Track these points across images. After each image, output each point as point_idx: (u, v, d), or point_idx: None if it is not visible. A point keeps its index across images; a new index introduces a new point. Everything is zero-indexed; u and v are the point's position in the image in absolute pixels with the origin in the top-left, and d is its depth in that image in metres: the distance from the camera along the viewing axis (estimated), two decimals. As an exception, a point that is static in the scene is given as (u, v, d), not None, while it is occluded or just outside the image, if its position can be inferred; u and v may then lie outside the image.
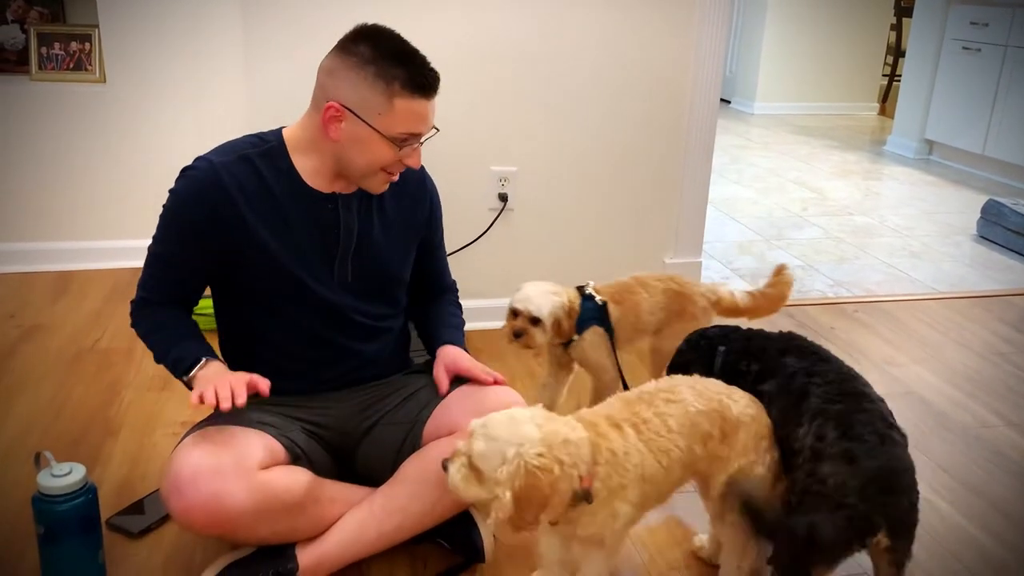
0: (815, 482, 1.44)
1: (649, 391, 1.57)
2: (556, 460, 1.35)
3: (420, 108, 1.57)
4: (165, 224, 1.63)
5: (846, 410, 1.52)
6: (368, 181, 1.64)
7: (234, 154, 1.61)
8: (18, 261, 3.20)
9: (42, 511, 1.54)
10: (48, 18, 3.31)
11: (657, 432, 1.50)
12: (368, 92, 1.54)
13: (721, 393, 1.59)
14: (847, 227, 4.24)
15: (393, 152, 1.59)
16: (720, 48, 2.75)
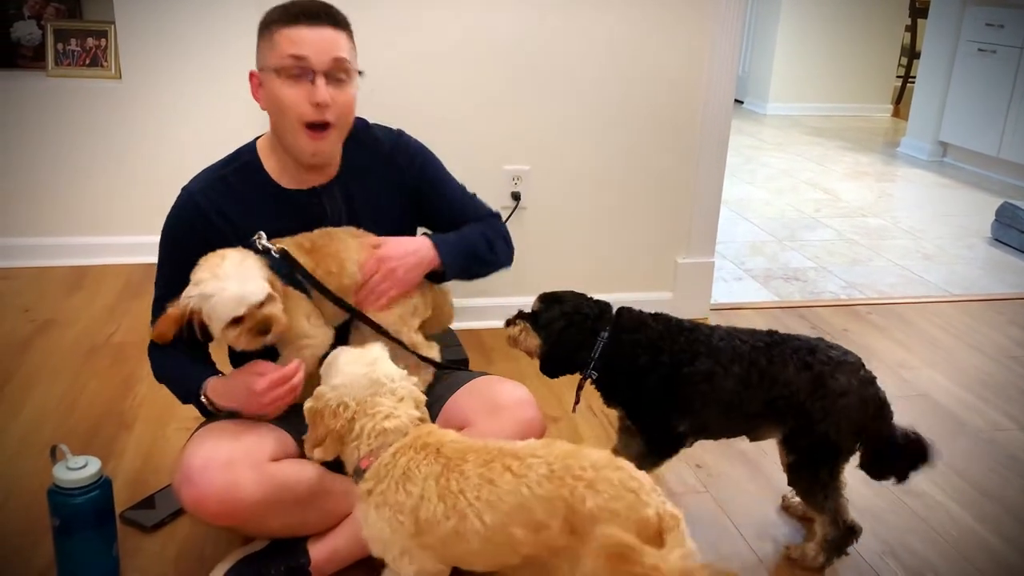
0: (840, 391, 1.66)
1: (503, 449, 1.37)
2: (340, 400, 1.39)
3: (296, 34, 1.56)
4: (161, 261, 1.69)
5: (801, 342, 1.71)
6: (295, 143, 1.62)
7: (210, 179, 1.68)
8: (33, 255, 3.22)
9: (58, 504, 1.55)
10: (65, 14, 3.34)
11: (463, 491, 1.33)
12: (262, 44, 1.62)
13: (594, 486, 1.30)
14: (860, 229, 4.22)
15: (292, 90, 1.57)
16: (734, 48, 2.74)
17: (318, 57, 1.57)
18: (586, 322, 1.74)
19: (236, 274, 1.48)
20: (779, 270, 3.60)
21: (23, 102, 3.15)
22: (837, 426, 1.67)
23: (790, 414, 1.69)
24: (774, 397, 1.69)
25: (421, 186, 1.82)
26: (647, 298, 2.91)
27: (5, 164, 3.16)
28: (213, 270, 1.48)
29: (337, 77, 1.60)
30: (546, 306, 1.77)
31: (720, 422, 1.78)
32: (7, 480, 1.94)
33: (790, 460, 1.73)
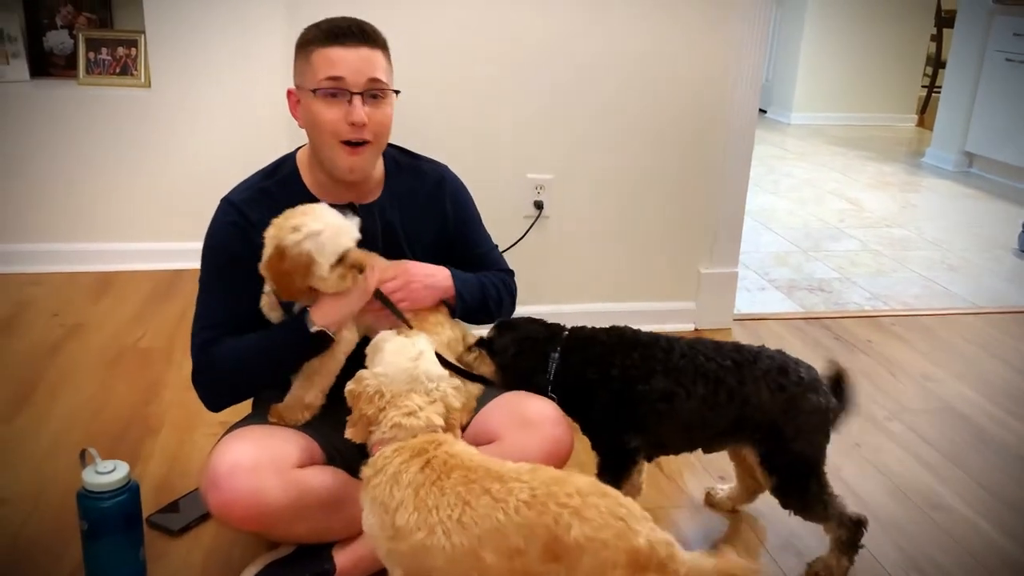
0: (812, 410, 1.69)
1: (489, 471, 1.34)
2: (377, 388, 1.41)
3: (334, 54, 1.59)
4: (205, 270, 1.70)
5: (770, 361, 1.71)
6: (332, 159, 1.65)
7: (252, 190, 1.70)
8: (62, 261, 3.26)
9: (86, 507, 1.57)
10: (96, 24, 3.39)
11: (437, 507, 1.31)
12: (299, 63, 1.65)
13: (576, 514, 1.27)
14: (885, 239, 4.20)
15: (329, 109, 1.60)
16: (759, 57, 2.74)
17: (354, 78, 1.60)
18: (536, 346, 1.76)
19: (332, 213, 1.55)
20: (803, 281, 3.59)
21: (55, 109, 3.19)
22: (810, 441, 1.69)
23: (760, 432, 1.69)
24: (744, 417, 1.68)
25: (456, 225, 1.86)
26: (670, 308, 2.92)
27: (36, 170, 3.21)
28: (309, 214, 1.53)
29: (373, 96, 1.63)
30: (499, 333, 1.79)
31: (680, 440, 1.77)
32: (37, 482, 1.97)
33: (774, 482, 1.73)
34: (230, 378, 1.64)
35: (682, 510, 2.01)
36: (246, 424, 1.64)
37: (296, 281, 1.53)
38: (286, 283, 1.54)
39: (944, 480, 2.17)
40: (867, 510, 1.78)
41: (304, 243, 1.51)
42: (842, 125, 7.23)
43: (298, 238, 1.51)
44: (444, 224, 1.84)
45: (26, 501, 1.90)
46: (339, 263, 1.54)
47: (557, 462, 1.67)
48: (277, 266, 1.52)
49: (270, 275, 1.55)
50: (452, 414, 1.45)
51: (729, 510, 1.99)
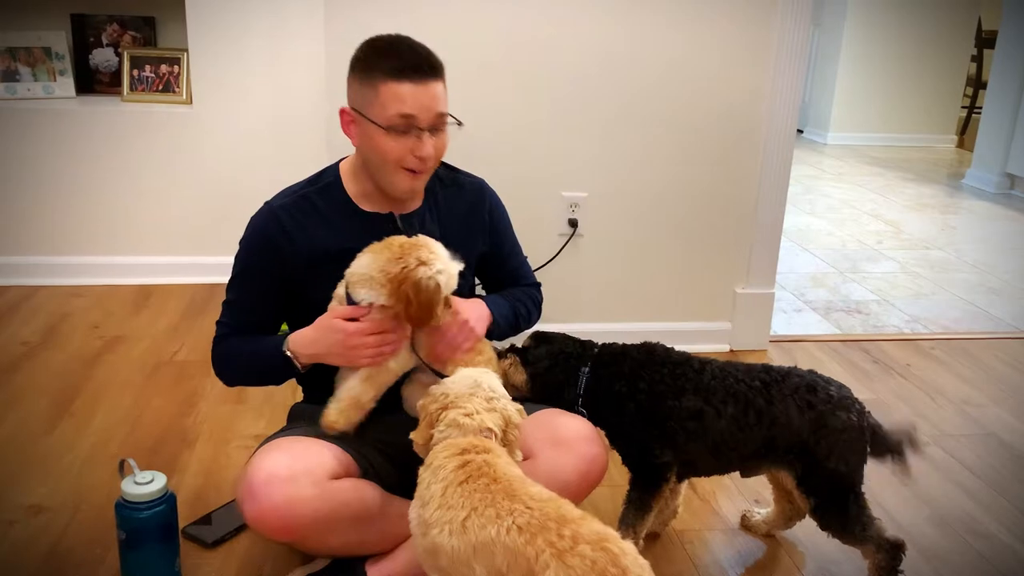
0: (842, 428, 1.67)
1: (508, 488, 1.34)
2: (443, 391, 1.47)
3: (405, 91, 1.59)
4: (238, 266, 1.73)
5: (798, 379, 1.70)
6: (391, 181, 1.68)
7: (294, 196, 1.73)
8: (102, 274, 3.32)
9: (124, 517, 1.59)
10: (141, 42, 3.46)
11: (452, 507, 1.33)
12: (362, 87, 1.64)
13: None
14: (923, 261, 4.14)
15: (396, 143, 1.62)
16: (797, 78, 2.72)
17: (424, 115, 1.62)
18: (568, 360, 1.77)
19: (447, 254, 1.61)
20: (840, 302, 3.55)
21: (99, 125, 3.26)
22: (844, 460, 1.67)
23: (792, 453, 1.67)
24: (773, 437, 1.67)
25: (493, 238, 1.89)
26: (705, 328, 2.90)
27: (80, 185, 3.28)
28: (433, 251, 1.59)
29: (436, 126, 1.65)
30: (535, 343, 1.80)
31: (710, 461, 1.75)
32: (76, 492, 1.99)
33: (813, 504, 1.71)
34: (229, 374, 1.77)
35: (716, 533, 1.98)
36: (282, 435, 1.65)
37: (430, 311, 1.56)
38: (422, 314, 1.56)
39: (985, 507, 2.12)
40: (907, 537, 1.74)
41: (436, 277, 1.55)
42: (880, 145, 7.16)
43: (429, 272, 1.55)
44: (483, 237, 1.87)
45: (65, 510, 1.93)
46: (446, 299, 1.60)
47: (591, 480, 1.67)
48: (416, 298, 1.54)
49: (406, 308, 1.56)
50: (511, 429, 1.47)
51: (764, 534, 1.96)
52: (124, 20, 3.45)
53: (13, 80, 3.30)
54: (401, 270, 1.54)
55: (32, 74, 3.33)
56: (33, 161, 3.23)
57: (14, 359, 2.65)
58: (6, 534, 1.84)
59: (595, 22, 2.58)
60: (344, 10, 2.47)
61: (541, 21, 2.56)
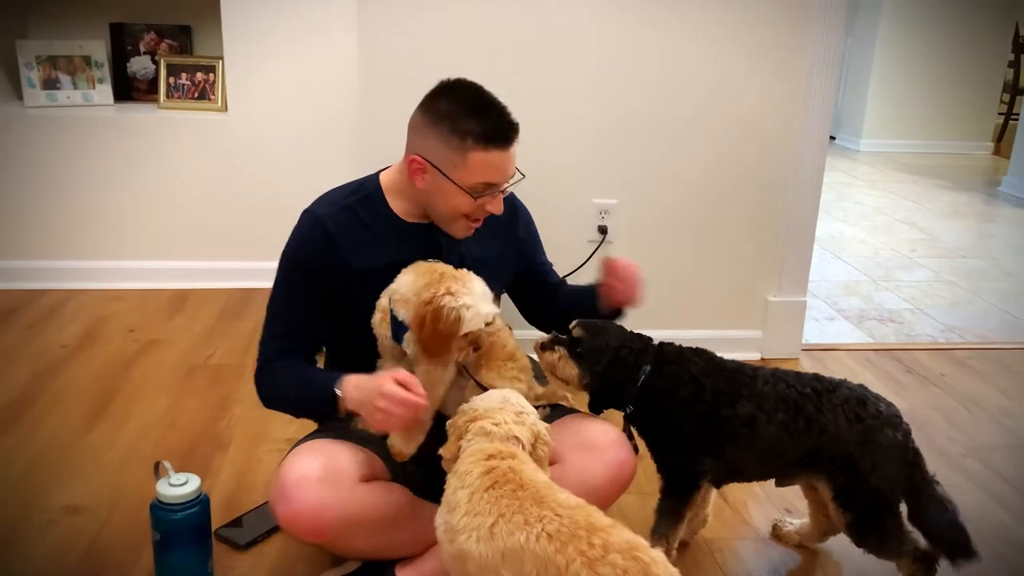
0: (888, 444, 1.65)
1: (536, 494, 1.34)
2: (472, 407, 1.49)
3: (493, 159, 1.61)
4: (283, 277, 1.72)
5: (849, 391, 1.69)
6: (452, 227, 1.71)
7: (337, 205, 1.72)
8: (139, 278, 3.37)
9: (159, 518, 1.61)
10: (177, 50, 3.52)
11: (479, 513, 1.33)
12: (444, 147, 1.61)
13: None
14: (959, 270, 4.09)
15: (472, 201, 1.64)
16: (831, 84, 2.70)
17: (505, 180, 1.66)
18: (631, 356, 1.70)
19: (485, 295, 1.61)
20: (873, 311, 3.51)
21: (136, 132, 3.31)
22: (886, 477, 1.65)
23: (836, 465, 1.66)
24: (819, 446, 1.65)
25: (526, 249, 1.91)
26: (736, 336, 2.89)
27: (117, 191, 3.33)
28: (468, 285, 1.59)
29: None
30: (589, 335, 1.71)
31: (754, 467, 1.74)
32: (112, 492, 2.03)
33: (849, 519, 1.68)
34: (272, 399, 1.74)
35: (746, 542, 1.97)
36: (314, 439, 1.67)
37: (444, 340, 1.57)
38: (436, 343, 1.57)
39: (1021, 519, 2.09)
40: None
41: (459, 311, 1.55)
42: (914, 152, 7.08)
43: (453, 303, 1.55)
44: (517, 249, 1.88)
45: (101, 510, 1.96)
46: (466, 335, 1.59)
47: (619, 484, 1.67)
48: (432, 324, 1.56)
49: (422, 334, 1.58)
50: (540, 445, 1.48)
51: (796, 545, 1.94)
52: (161, 29, 3.50)
53: (54, 88, 3.36)
54: (431, 296, 1.56)
55: (72, 82, 3.39)
56: (72, 167, 3.29)
57: (53, 362, 2.70)
58: (45, 533, 1.87)
59: (628, 29, 2.59)
60: (376, 19, 2.50)
61: (572, 27, 2.57)
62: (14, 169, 3.25)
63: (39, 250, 3.33)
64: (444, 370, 1.67)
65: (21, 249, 3.32)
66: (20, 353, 2.75)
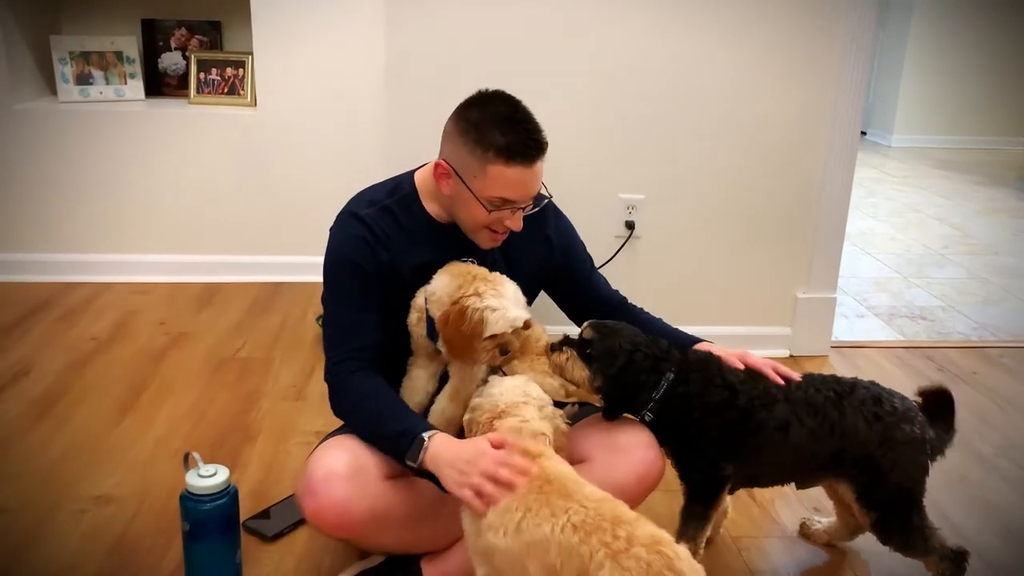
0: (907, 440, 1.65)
1: (562, 488, 1.35)
2: (493, 403, 1.52)
3: (513, 175, 1.59)
4: (332, 280, 1.70)
5: (865, 391, 1.68)
6: (474, 236, 1.70)
7: (376, 207, 1.70)
8: (169, 272, 3.40)
9: (189, 509, 1.63)
10: (207, 46, 3.55)
11: (507, 508, 1.35)
12: (468, 156, 1.60)
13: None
14: (992, 267, 4.02)
15: (488, 214, 1.63)
16: (862, 79, 2.67)
17: (524, 197, 1.64)
18: (646, 361, 1.64)
19: (515, 300, 1.61)
20: (904, 308, 3.47)
21: (167, 127, 3.35)
22: (908, 473, 1.64)
23: (857, 467, 1.64)
24: (842, 449, 1.64)
25: (561, 251, 1.87)
26: (764, 333, 2.86)
27: (148, 185, 3.37)
28: (497, 288, 1.60)
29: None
30: (600, 337, 1.65)
31: (778, 472, 1.73)
32: (142, 484, 2.05)
33: (874, 519, 1.67)
34: (342, 417, 1.69)
35: (774, 540, 1.95)
36: (341, 433, 1.68)
37: (467, 340, 1.57)
38: (460, 343, 1.58)
39: (1056, 521, 2.06)
40: (973, 549, 1.70)
41: (483, 312, 1.56)
42: (946, 148, 6.98)
43: (478, 305, 1.56)
44: (549, 251, 1.85)
45: (133, 501, 1.98)
46: (493, 337, 1.59)
47: (647, 485, 1.66)
48: (457, 325, 1.57)
49: (447, 333, 1.59)
50: (559, 437, 1.51)
51: (824, 543, 1.93)
52: (191, 25, 3.53)
53: (87, 83, 3.40)
54: (459, 296, 1.57)
55: (104, 77, 3.43)
56: (104, 161, 3.33)
57: (84, 354, 2.73)
58: (78, 523, 1.90)
59: (655, 23, 2.57)
60: (404, 13, 2.50)
61: (598, 21, 2.56)
62: (47, 163, 3.30)
63: (71, 244, 3.38)
64: (478, 368, 1.68)
65: (54, 243, 3.37)
66: (53, 344, 2.79)
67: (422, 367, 1.75)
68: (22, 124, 3.26)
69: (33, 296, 3.19)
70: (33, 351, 2.74)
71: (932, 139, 7.07)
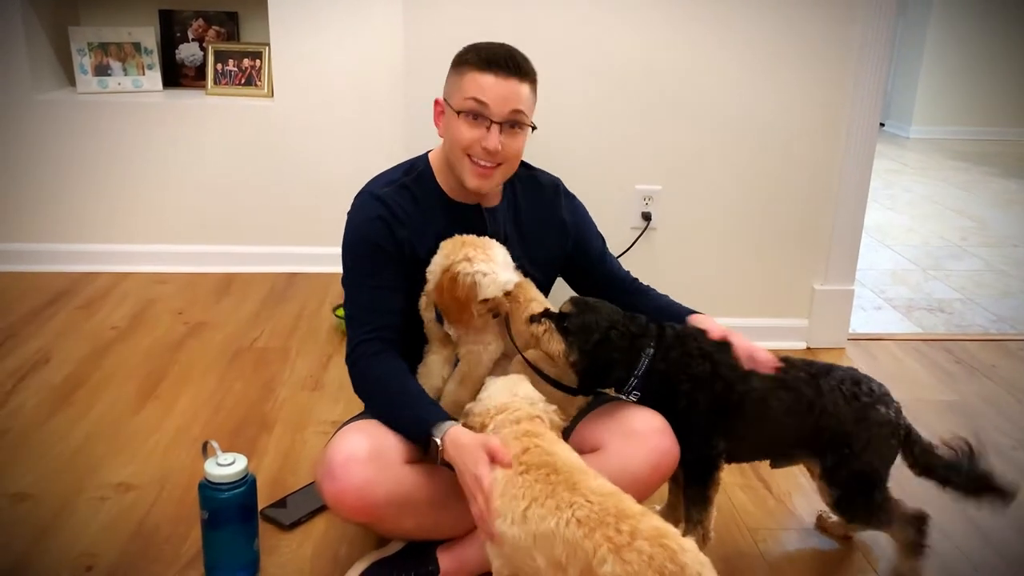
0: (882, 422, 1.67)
1: (569, 479, 1.36)
2: (484, 407, 1.55)
3: (485, 80, 1.65)
4: (351, 259, 1.73)
5: (843, 372, 1.71)
6: (462, 173, 1.71)
7: (394, 185, 1.75)
8: (187, 262, 3.43)
9: (207, 497, 1.64)
10: (224, 37, 3.56)
11: (515, 496, 1.37)
12: (452, 77, 1.72)
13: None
14: (1011, 259, 3.99)
15: (468, 130, 1.66)
16: (881, 70, 2.65)
17: (498, 107, 1.66)
18: (623, 339, 1.64)
19: (505, 263, 1.66)
20: (922, 300, 3.45)
21: (184, 118, 3.36)
22: (880, 454, 1.67)
23: (834, 444, 1.67)
24: (819, 426, 1.66)
25: (575, 232, 1.90)
26: (781, 325, 2.86)
27: (166, 176, 3.39)
28: (487, 253, 1.65)
29: (511, 125, 1.68)
30: (579, 311, 1.66)
31: (755, 447, 1.75)
32: (161, 472, 2.07)
33: (836, 496, 1.70)
34: (363, 398, 1.73)
35: (790, 532, 1.95)
36: (362, 418, 1.69)
37: (462, 306, 1.62)
38: (455, 306, 1.63)
39: (1076, 515, 2.04)
40: (990, 546, 1.70)
41: (474, 276, 1.60)
42: (965, 139, 6.92)
43: (468, 270, 1.60)
44: (563, 232, 1.88)
45: (152, 488, 2.00)
46: (484, 302, 1.63)
47: (662, 472, 1.66)
48: (451, 291, 1.61)
49: (441, 300, 1.64)
50: (555, 428, 1.53)
51: (842, 536, 1.92)
52: (209, 16, 3.54)
53: (105, 74, 3.42)
54: (451, 263, 1.62)
55: (122, 68, 3.45)
56: (122, 152, 3.35)
57: (104, 343, 2.76)
58: (98, 510, 1.92)
59: (672, 14, 2.56)
60: (423, 5, 2.50)
61: (618, 14, 2.55)
62: (66, 154, 3.32)
63: (90, 234, 3.40)
64: (485, 351, 1.71)
65: (73, 232, 3.40)
66: (73, 333, 2.82)
67: (436, 352, 1.79)
68: (42, 115, 3.29)
69: (53, 285, 3.22)
70: (53, 340, 2.77)
71: (951, 130, 7.01)
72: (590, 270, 1.94)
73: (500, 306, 1.66)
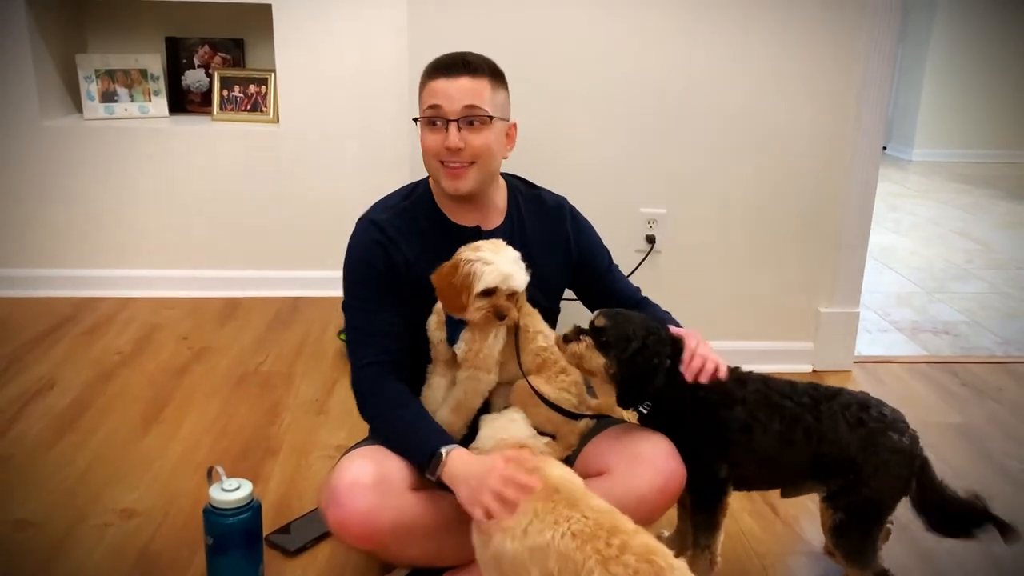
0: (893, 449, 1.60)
1: (570, 498, 1.39)
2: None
3: (436, 85, 1.69)
4: (350, 284, 1.75)
5: (850, 397, 1.66)
6: (438, 180, 1.74)
7: (391, 210, 1.78)
8: (191, 287, 3.43)
9: (212, 522, 1.63)
10: (230, 63, 3.59)
11: (516, 513, 1.40)
12: (419, 96, 1.76)
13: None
14: (1016, 281, 3.98)
15: (431, 136, 1.71)
16: (883, 94, 2.66)
17: (450, 106, 1.68)
18: (657, 345, 1.61)
19: (513, 260, 1.65)
20: (927, 323, 3.44)
21: (191, 144, 3.38)
22: (889, 483, 1.61)
23: (840, 471, 1.62)
24: (821, 453, 1.62)
25: (580, 250, 1.90)
26: (787, 348, 2.85)
27: (172, 201, 3.40)
28: (496, 248, 1.65)
29: (470, 122, 1.69)
30: (614, 324, 1.62)
31: (756, 475, 1.71)
32: (166, 497, 2.06)
33: (836, 520, 1.64)
34: (368, 422, 1.74)
35: (799, 557, 1.94)
36: (365, 445, 1.69)
37: (457, 292, 1.61)
38: (450, 294, 1.63)
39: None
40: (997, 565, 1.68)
41: (475, 264, 1.60)
42: (967, 162, 6.94)
43: (471, 257, 1.61)
44: (567, 250, 1.88)
45: (156, 514, 1.99)
46: (488, 295, 1.61)
47: (668, 495, 1.64)
48: (448, 276, 1.62)
49: (438, 283, 1.64)
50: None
51: None
52: (215, 43, 3.57)
53: (112, 100, 3.45)
54: (459, 256, 1.63)
55: (129, 95, 3.48)
56: (128, 178, 3.36)
57: (109, 368, 2.75)
58: (102, 536, 1.91)
59: (675, 35, 2.58)
60: (426, 29, 2.52)
61: (622, 35, 2.57)
62: (73, 179, 3.34)
63: (96, 259, 3.41)
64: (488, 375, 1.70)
65: (78, 258, 3.40)
66: (77, 359, 2.82)
67: (441, 375, 1.78)
68: (50, 141, 3.31)
69: (57, 311, 3.22)
70: (57, 365, 2.77)
71: (953, 153, 7.02)
72: (597, 281, 1.93)
73: (504, 308, 1.63)
